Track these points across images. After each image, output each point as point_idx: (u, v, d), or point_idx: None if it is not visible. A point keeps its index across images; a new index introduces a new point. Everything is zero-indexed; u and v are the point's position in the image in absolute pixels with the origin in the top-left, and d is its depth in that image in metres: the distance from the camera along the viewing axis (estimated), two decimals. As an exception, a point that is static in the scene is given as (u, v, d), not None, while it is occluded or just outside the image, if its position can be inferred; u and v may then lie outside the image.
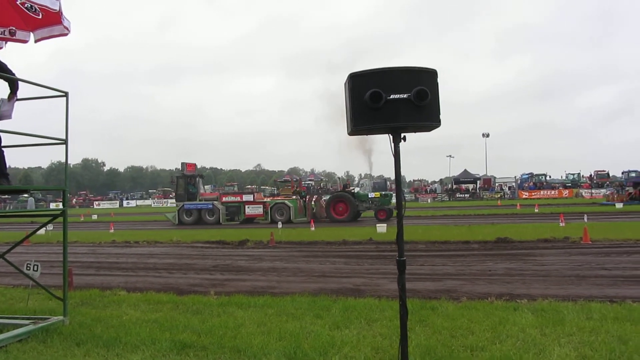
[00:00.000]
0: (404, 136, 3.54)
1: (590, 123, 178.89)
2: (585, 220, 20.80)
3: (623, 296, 7.63)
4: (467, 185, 70.12)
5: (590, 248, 13.52)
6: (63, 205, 7.29)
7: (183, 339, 5.85)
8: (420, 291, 8.53)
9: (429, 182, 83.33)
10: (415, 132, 3.60)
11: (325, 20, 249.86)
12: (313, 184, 65.10)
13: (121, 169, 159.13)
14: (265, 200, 31.95)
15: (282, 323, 6.47)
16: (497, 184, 70.25)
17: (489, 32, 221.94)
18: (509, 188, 68.68)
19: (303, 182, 62.92)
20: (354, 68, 3.43)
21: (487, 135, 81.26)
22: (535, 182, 68.66)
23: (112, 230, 24.73)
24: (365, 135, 3.65)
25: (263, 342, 5.64)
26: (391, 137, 3.51)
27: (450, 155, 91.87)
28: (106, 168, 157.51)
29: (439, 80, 3.44)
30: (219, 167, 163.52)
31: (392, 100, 3.31)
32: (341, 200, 29.07)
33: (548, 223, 22.03)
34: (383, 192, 31.93)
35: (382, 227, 19.08)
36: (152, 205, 79.05)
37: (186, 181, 32.33)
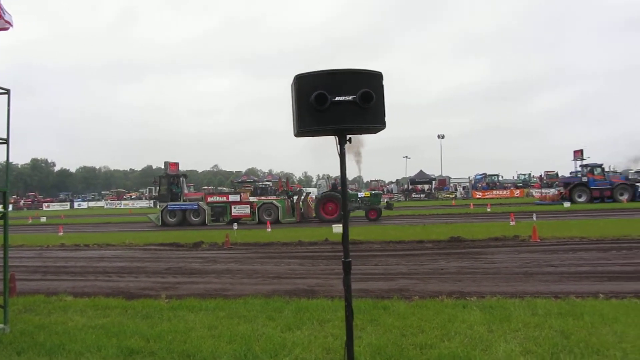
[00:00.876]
0: (350, 138, 3.56)
1: (543, 125, 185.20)
2: (534, 219, 21.45)
3: (567, 292, 7.90)
4: (423, 185, 71.32)
5: (539, 246, 13.95)
6: (3, 207, 6.98)
7: (131, 344, 5.71)
8: (374, 291, 8.61)
9: (386, 182, 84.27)
10: (360, 134, 3.62)
11: (287, 21, 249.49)
12: (271, 184, 64.78)
13: (73, 170, 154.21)
14: (252, 200, 31.51)
15: (234, 326, 6.41)
16: (451, 184, 71.70)
17: (448, 35, 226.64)
18: (463, 188, 70.20)
19: (260, 183, 62.68)
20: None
21: (442, 137, 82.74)
22: (488, 182, 70.46)
23: (61, 233, 23.92)
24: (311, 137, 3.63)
25: (213, 346, 5.57)
26: (337, 138, 3.52)
27: (406, 156, 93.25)
28: (57, 168, 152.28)
29: (384, 82, 3.47)
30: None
31: (338, 102, 3.31)
32: (331, 200, 28.72)
33: (499, 222, 22.62)
34: (373, 192, 31.78)
35: (338, 228, 19.15)
36: (105, 207, 76.97)
37: (169, 181, 31.60)
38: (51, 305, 8.13)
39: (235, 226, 20.19)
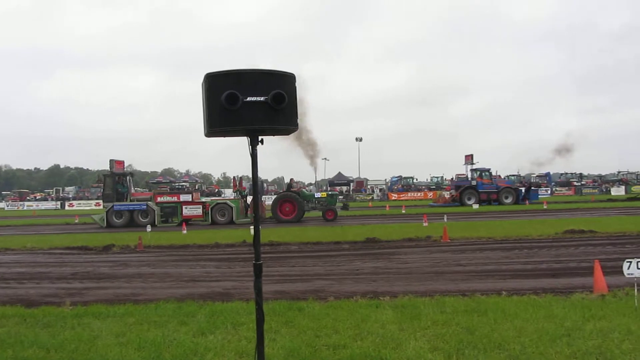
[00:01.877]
0: (262, 139, 3.52)
1: (458, 129, 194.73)
2: (445, 220, 22.36)
3: (474, 290, 8.29)
4: (341, 187, 72.47)
5: (449, 246, 14.57)
6: None
7: (28, 356, 5.34)
8: (290, 292, 8.61)
9: (305, 183, 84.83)
10: (273, 135, 3.59)
11: (213, 18, 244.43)
12: (188, 185, 63.26)
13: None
14: (205, 200, 30.47)
15: (143, 332, 6.16)
16: (369, 186, 73.42)
17: (372, 41, 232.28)
18: (380, 190, 72.09)
19: (176, 184, 61.06)
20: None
21: (360, 140, 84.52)
22: (403, 184, 72.82)
23: (-46, 237, 22.02)
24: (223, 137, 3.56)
25: (120, 354, 5.32)
26: (248, 139, 3.47)
27: (325, 158, 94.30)
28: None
29: (297, 84, 3.47)
30: (85, 167, 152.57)
31: (249, 102, 3.25)
32: (288, 201, 28.43)
33: (413, 223, 23.41)
34: (329, 192, 31.76)
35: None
36: (6, 209, 71.63)
37: (114, 180, 29.76)
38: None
39: (148, 228, 19.45)
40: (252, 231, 14.14)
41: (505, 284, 8.91)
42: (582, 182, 69.53)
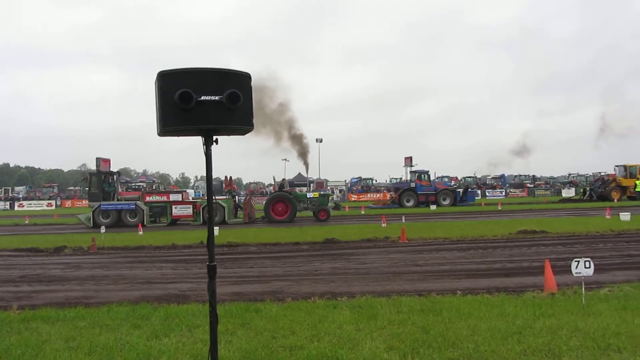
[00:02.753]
0: (217, 139, 3.47)
1: (417, 131, 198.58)
2: (403, 220, 22.69)
3: (430, 289, 8.41)
4: (301, 188, 72.43)
5: (407, 246, 14.75)
6: None
7: (-30, 363, 5.12)
8: (247, 294, 8.54)
9: (265, 184, 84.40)
10: (228, 135, 3.54)
11: (175, 16, 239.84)
12: (145, 185, 62.00)
13: None
14: (195, 200, 29.83)
15: (95, 336, 5.98)
16: (329, 187, 73.61)
17: (335, 45, 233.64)
18: (340, 191, 72.41)
19: (133, 184, 59.78)
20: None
21: (321, 141, 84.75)
22: (363, 185, 73.39)
23: None
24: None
25: (70, 359, 5.16)
26: (203, 139, 3.41)
27: (285, 159, 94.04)
28: None
29: (252, 84, 3.43)
30: (36, 167, 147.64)
31: (203, 101, 3.19)
32: (281, 201, 28.22)
33: (372, 224, 23.62)
34: (322, 192, 31.58)
35: (215, 231, 18.79)
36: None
37: (101, 179, 28.91)
38: None
39: (102, 229, 18.95)
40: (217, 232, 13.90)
41: (460, 283, 9.08)
42: (535, 184, 71.65)
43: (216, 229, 19.17)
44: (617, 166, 44.52)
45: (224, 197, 30.46)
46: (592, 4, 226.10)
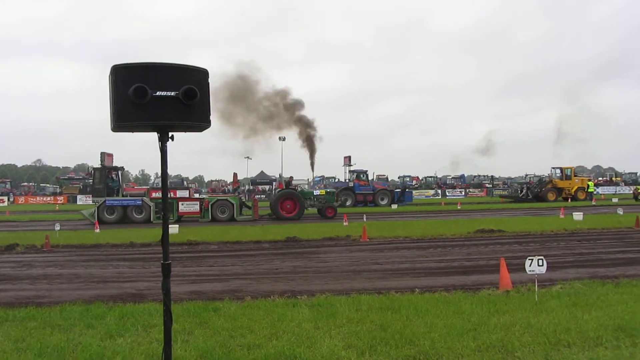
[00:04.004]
0: (172, 135, 3.41)
1: (383, 131, 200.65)
2: (365, 219, 22.84)
3: (389, 287, 8.50)
4: (264, 186, 72.13)
5: (368, 245, 14.87)
6: None
7: None
8: (206, 292, 8.44)
9: (227, 182, 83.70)
10: (185, 131, 3.48)
11: (136, 10, 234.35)
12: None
13: None
14: (202, 196, 29.38)
15: (46, 337, 5.79)
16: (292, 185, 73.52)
17: (304, 43, 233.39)
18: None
19: (89, 180, 58.31)
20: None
21: (284, 139, 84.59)
22: (325, 184, 73.53)
23: None
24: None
25: (18, 361, 4.99)
26: (158, 135, 3.34)
27: (248, 157, 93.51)
28: None
29: (209, 80, 3.38)
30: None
31: (159, 97, 3.12)
32: (289, 198, 28.18)
33: (334, 222, 23.75)
34: (327, 190, 31.88)
35: (173, 228, 18.50)
36: None
37: (105, 174, 27.88)
38: None
39: (57, 226, 18.38)
40: (169, 230, 13.74)
41: (419, 281, 9.21)
42: (494, 184, 73.30)
43: (175, 227, 18.89)
44: (553, 168, 46.19)
45: (227, 195, 30.31)
46: (554, 10, 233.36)
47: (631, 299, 7.14)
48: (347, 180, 44.40)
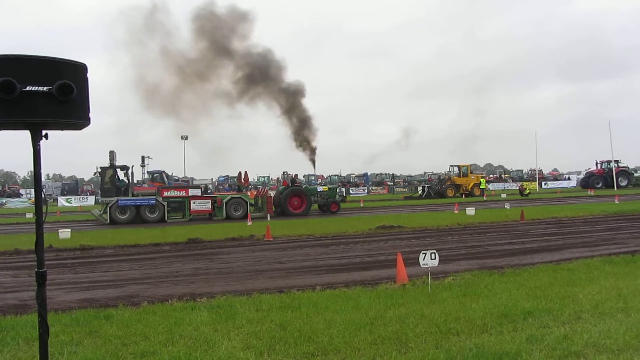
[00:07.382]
0: (46, 134, 3.17)
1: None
2: (269, 218, 22.83)
3: (291, 286, 8.52)
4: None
5: (271, 244, 14.84)
6: None
7: None
8: (99, 299, 8.01)
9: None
10: (61, 129, 3.24)
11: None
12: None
13: None
14: (215, 195, 28.75)
15: None
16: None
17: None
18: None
19: None
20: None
21: (186, 138, 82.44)
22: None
23: None
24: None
25: None
26: (30, 133, 3.09)
27: (148, 156, 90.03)
28: None
29: (88, 75, 3.18)
30: None
31: (29, 92, 2.89)
32: (297, 195, 28.99)
33: (237, 223, 23.49)
34: (330, 186, 32.85)
35: (64, 233, 17.40)
36: None
37: (114, 173, 25.95)
38: None
39: None
40: (60, 235, 12.73)
41: (321, 278, 9.33)
42: (395, 182, 76.07)
43: (67, 232, 17.75)
44: (451, 166, 49.20)
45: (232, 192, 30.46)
46: (466, 15, 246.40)
47: (514, 287, 7.67)
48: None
